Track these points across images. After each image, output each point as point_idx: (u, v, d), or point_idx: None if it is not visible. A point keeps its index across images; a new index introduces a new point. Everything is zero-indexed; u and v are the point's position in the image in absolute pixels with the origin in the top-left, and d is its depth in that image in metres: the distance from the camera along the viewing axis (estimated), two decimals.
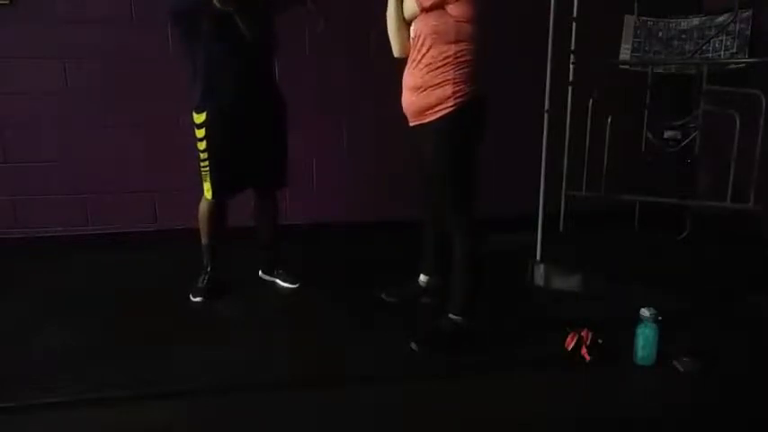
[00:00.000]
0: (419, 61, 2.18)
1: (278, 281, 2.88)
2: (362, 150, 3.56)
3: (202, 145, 2.54)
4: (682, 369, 2.08)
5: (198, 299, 2.68)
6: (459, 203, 2.27)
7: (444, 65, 2.13)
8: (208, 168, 2.56)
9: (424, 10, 2.13)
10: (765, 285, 2.63)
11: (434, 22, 2.12)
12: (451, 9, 2.09)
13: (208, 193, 2.61)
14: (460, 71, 2.13)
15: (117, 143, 3.37)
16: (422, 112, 2.21)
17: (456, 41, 2.11)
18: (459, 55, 2.12)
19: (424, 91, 2.18)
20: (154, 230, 3.49)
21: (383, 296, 2.68)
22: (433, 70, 2.15)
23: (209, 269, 2.75)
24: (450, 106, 2.14)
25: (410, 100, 2.25)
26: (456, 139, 2.19)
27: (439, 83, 2.14)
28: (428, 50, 2.14)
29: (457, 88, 2.13)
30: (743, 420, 1.89)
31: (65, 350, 2.25)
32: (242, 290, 2.81)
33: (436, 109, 2.17)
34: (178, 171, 2.92)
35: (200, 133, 2.52)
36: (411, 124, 2.30)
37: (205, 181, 2.59)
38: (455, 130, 2.18)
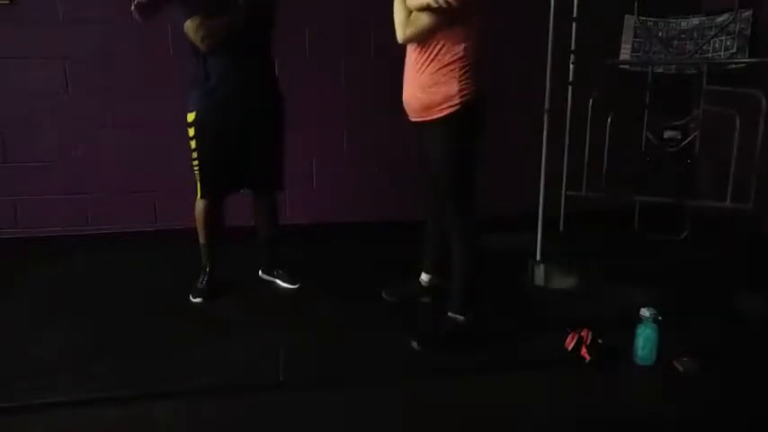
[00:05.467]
0: (426, 59, 2.18)
1: (278, 281, 2.87)
2: (362, 150, 3.56)
3: (193, 144, 2.54)
4: (682, 369, 2.08)
5: (198, 299, 2.67)
6: (460, 203, 2.28)
7: (452, 62, 2.14)
8: (198, 167, 2.57)
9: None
10: (765, 285, 2.63)
11: None
12: None
13: (200, 192, 2.62)
14: (465, 70, 2.16)
15: (117, 143, 3.37)
16: (427, 108, 2.21)
17: (464, 41, 2.13)
18: (465, 54, 2.15)
19: (430, 88, 2.18)
20: (154, 230, 3.49)
21: (383, 295, 2.69)
22: (441, 68, 2.16)
23: (208, 269, 2.75)
24: (456, 104, 2.16)
25: (415, 96, 2.24)
26: (460, 137, 2.21)
27: (446, 81, 2.16)
28: (438, 49, 2.14)
29: (463, 86, 2.15)
30: (743, 420, 1.89)
31: (65, 350, 2.25)
32: (242, 290, 2.80)
33: (442, 106, 2.17)
34: (178, 171, 2.91)
35: (191, 132, 2.53)
36: (413, 119, 2.31)
37: (198, 180, 2.60)
38: (459, 128, 2.19)
